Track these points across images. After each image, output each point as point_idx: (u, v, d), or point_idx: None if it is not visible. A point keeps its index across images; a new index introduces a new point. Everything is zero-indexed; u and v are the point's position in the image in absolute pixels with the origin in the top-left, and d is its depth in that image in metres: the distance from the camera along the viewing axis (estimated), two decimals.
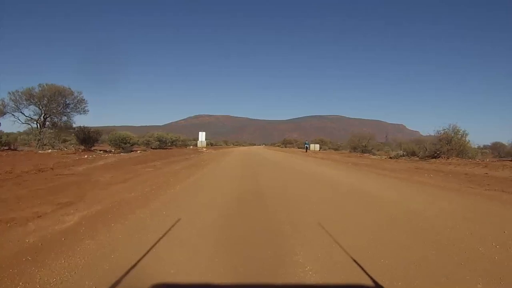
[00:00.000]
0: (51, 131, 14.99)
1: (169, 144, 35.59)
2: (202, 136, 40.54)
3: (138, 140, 24.88)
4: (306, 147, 38.81)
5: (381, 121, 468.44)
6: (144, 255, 2.34)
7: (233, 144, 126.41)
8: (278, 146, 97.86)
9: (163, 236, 2.82)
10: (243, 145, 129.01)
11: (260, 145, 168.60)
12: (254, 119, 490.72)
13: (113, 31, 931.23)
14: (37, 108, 14.90)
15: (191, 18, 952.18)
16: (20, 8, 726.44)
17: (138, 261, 2.22)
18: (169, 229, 3.03)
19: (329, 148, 47.26)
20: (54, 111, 15.09)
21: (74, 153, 12.69)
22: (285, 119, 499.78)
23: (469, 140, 16.18)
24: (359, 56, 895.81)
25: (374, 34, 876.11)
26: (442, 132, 16.23)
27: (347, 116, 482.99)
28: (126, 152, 15.83)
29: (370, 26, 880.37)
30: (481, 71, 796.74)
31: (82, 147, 15.36)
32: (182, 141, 41.00)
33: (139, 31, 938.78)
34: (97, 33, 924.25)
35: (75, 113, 15.88)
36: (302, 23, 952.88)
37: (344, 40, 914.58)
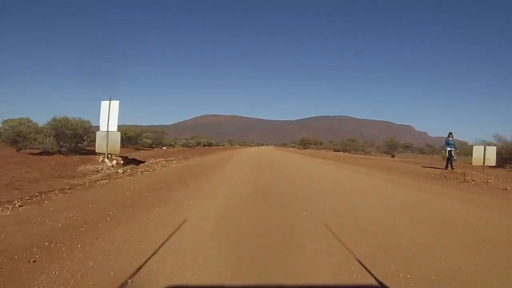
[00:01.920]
0: None
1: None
2: (108, 116, 10.24)
3: None
4: (450, 153, 13.49)
5: (389, 122, 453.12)
6: None
7: (239, 145, 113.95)
8: (293, 147, 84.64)
9: None
10: (250, 146, 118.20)
11: (268, 145, 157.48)
12: (261, 119, 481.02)
13: (118, 30, 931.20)
14: None
15: (196, 18, 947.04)
16: (20, 8, 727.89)
17: None
18: None
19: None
20: None
21: None
22: (292, 119, 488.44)
23: None
24: (367, 56, 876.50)
25: (382, 34, 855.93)
26: None
27: (355, 117, 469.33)
28: None
29: (378, 26, 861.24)
30: (490, 71, 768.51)
31: None
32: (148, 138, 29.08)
33: (145, 31, 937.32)
34: (101, 33, 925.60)
35: None
36: (309, 22, 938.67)
37: (351, 40, 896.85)
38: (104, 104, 10.39)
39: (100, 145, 10.40)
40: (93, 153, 11.46)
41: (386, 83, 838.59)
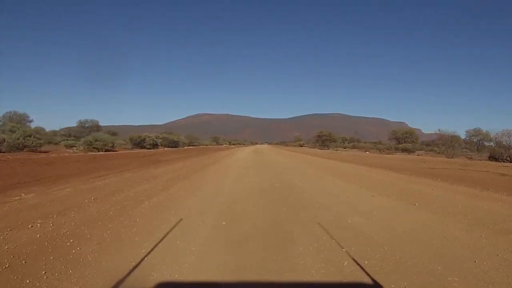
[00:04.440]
0: None
1: None
2: None
3: None
4: None
5: (383, 119, 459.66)
6: None
7: (228, 143, 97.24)
8: (300, 146, 71.18)
9: None
10: (244, 145, 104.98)
11: (263, 143, 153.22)
12: (255, 118, 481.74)
13: (112, 28, 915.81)
14: None
15: (190, 16, 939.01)
16: (20, 6, 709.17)
17: None
18: None
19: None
20: None
21: None
22: (286, 117, 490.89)
23: None
24: (361, 53, 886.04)
25: (376, 32, 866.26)
26: None
27: (349, 114, 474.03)
28: None
29: (371, 24, 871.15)
30: (485, 68, 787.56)
31: None
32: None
33: (137, 29, 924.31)
34: (95, 30, 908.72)
35: None
36: (302, 19, 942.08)
37: (345, 37, 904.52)
38: None
39: None
40: None
41: (379, 80, 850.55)
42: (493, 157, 24.64)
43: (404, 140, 38.41)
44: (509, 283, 2.49)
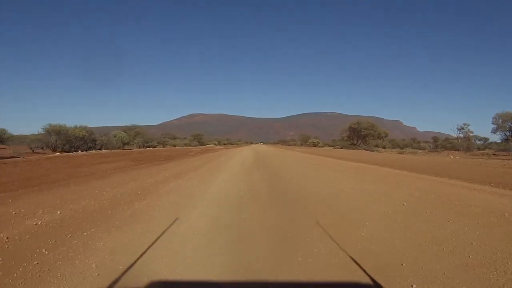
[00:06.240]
0: None
1: None
2: None
3: None
4: None
5: (377, 117, 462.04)
6: None
7: (216, 143, 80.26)
8: (314, 145, 53.60)
9: None
10: (237, 145, 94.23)
11: (258, 143, 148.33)
12: (249, 117, 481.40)
13: (107, 29, 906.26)
14: None
15: (185, 15, 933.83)
16: (19, 5, 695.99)
17: None
18: None
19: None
20: None
21: None
22: (280, 116, 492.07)
23: None
24: (355, 52, 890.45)
25: (370, 30, 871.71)
26: None
27: (342, 113, 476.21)
28: None
29: (365, 22, 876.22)
30: (479, 65, 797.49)
31: None
32: None
33: (132, 29, 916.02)
34: (92, 30, 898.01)
35: None
36: (297, 19, 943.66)
37: (338, 35, 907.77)
38: None
39: None
40: None
41: (374, 79, 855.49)
42: None
43: None
44: None
